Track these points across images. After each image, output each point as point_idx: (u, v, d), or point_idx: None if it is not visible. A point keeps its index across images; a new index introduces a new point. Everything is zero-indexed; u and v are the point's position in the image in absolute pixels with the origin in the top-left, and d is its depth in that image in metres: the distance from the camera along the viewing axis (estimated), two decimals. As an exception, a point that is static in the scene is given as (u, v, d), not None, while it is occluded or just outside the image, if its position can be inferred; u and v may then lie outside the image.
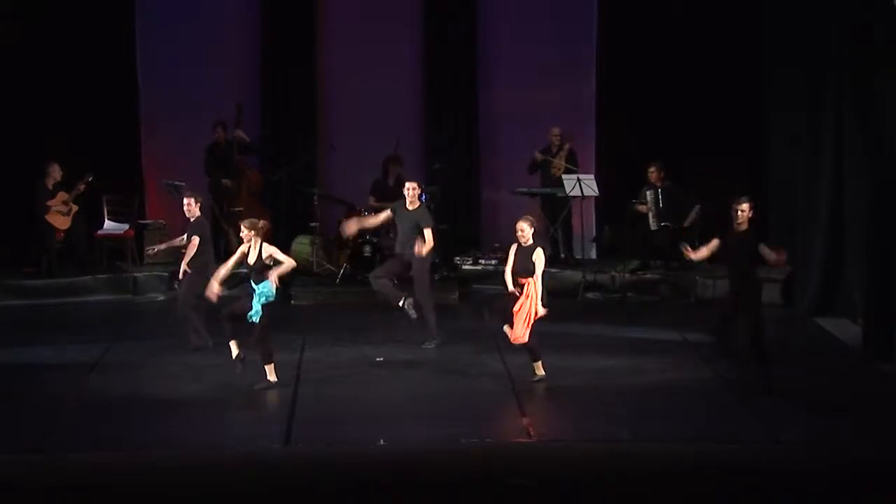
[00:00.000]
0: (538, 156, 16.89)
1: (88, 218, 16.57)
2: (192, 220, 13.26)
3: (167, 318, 14.12)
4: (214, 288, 11.92)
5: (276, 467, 9.95)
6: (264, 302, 11.69)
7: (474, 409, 11.39)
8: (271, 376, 11.89)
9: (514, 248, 12.10)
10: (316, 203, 16.73)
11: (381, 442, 10.40)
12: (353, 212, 16.38)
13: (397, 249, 13.70)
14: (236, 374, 11.97)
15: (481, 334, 13.63)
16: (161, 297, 16.11)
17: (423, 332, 13.40)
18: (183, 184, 16.32)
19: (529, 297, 11.83)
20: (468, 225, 17.49)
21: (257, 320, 11.68)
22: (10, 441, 10.38)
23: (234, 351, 12.01)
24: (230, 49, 17.51)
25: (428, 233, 13.36)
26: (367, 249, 16.05)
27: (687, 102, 16.61)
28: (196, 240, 13.05)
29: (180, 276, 13.20)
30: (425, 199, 16.58)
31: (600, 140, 17.43)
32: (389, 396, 11.77)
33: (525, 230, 11.96)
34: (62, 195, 16.19)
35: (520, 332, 11.82)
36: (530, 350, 12.02)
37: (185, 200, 13.27)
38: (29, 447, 10.22)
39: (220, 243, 17.28)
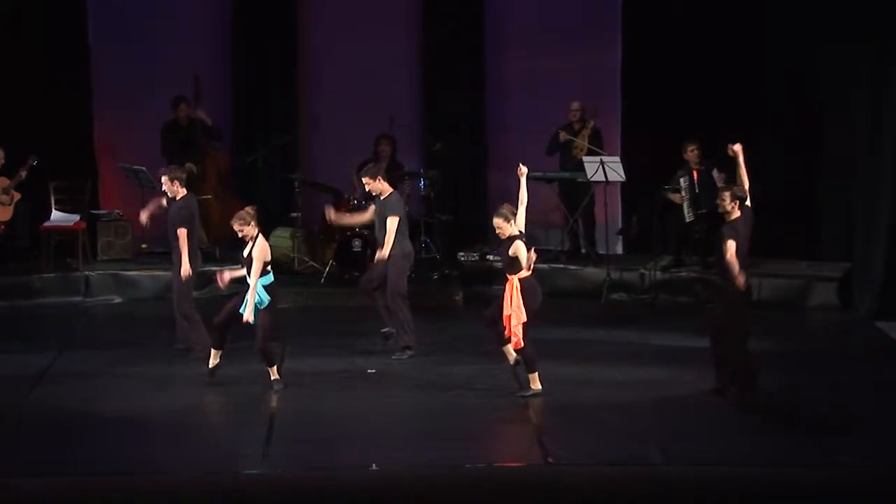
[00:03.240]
0: (561, 133, 16.86)
1: (32, 208, 16.58)
2: (177, 200, 13.23)
3: (125, 323, 14.14)
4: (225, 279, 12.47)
5: (252, 495, 9.95)
6: (260, 302, 12.03)
7: (481, 428, 11.41)
8: (274, 376, 12.21)
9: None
10: (297, 190, 16.74)
11: (374, 467, 10.40)
12: (341, 200, 16.39)
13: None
14: (207, 385, 12.11)
15: (489, 341, 13.61)
16: (117, 300, 16.11)
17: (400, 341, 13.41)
18: (143, 168, 16.35)
19: (512, 299, 11.90)
20: (474, 215, 17.47)
21: (254, 320, 11.98)
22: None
23: (213, 362, 12.23)
24: (195, 12, 17.52)
25: (391, 223, 13.20)
26: (357, 244, 16.05)
27: (726, 73, 16.58)
28: (183, 231, 13.06)
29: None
30: (423, 185, 16.66)
31: (626, 117, 17.42)
32: (383, 413, 11.77)
33: (501, 226, 12.07)
34: (1, 181, 16.20)
35: (514, 338, 11.92)
36: (525, 359, 12.05)
37: (164, 179, 13.24)
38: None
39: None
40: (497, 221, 12.12)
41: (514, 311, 11.90)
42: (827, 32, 16.02)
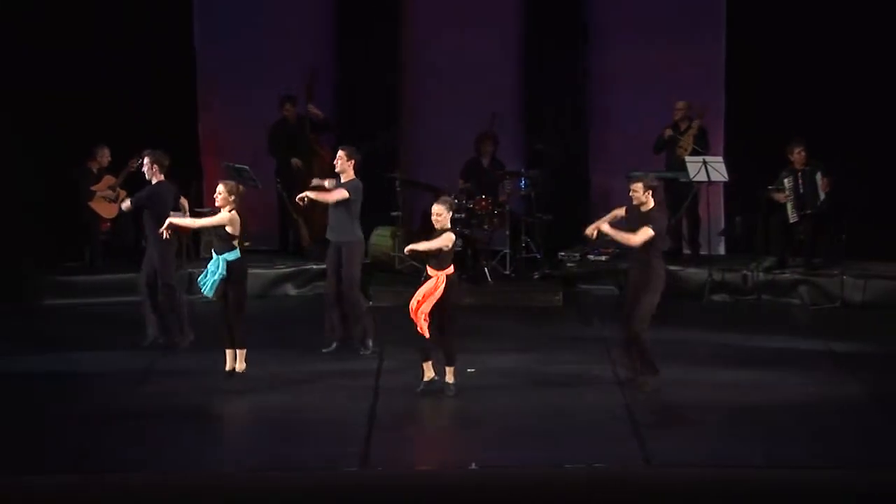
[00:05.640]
0: (666, 131, 16.80)
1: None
2: (154, 182, 13.60)
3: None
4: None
5: (352, 493, 10.03)
6: (221, 276, 12.15)
7: (580, 428, 11.42)
8: (240, 364, 12.30)
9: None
10: (398, 189, 16.82)
11: (473, 465, 10.45)
12: (442, 199, 16.45)
13: (328, 236, 13.75)
14: (306, 382, 12.22)
15: (588, 342, 13.64)
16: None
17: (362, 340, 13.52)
18: (246, 167, 16.51)
19: (437, 291, 11.92)
20: (575, 215, 17.42)
21: (210, 294, 12.16)
22: (49, 460, 10.57)
23: (230, 363, 12.35)
24: (300, 11, 17.67)
25: (338, 193, 13.35)
26: (458, 243, 16.05)
27: (833, 71, 16.44)
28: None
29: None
30: (525, 185, 16.68)
31: (730, 116, 17.33)
32: (481, 413, 11.82)
33: (443, 214, 12.04)
34: (108, 179, 16.45)
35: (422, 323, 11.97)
36: (446, 352, 12.06)
37: (146, 161, 13.64)
38: (68, 467, 10.38)
39: (289, 235, 17.50)
40: (438, 208, 12.10)
41: (425, 302, 11.88)
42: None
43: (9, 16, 16.15)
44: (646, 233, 11.96)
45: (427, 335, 11.98)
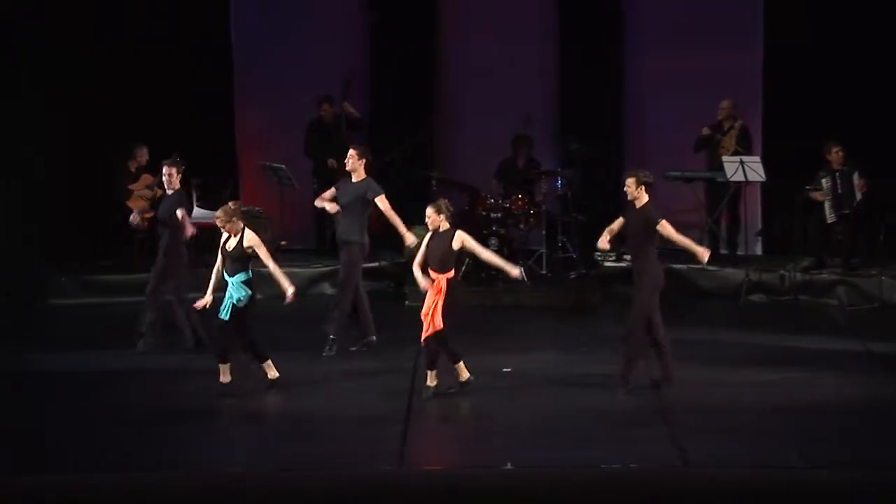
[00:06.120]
0: (704, 130, 16.74)
1: (175, 204, 16.86)
2: (170, 193, 13.66)
3: (262, 320, 14.30)
4: (207, 300, 12.41)
5: (389, 491, 10.04)
6: (238, 299, 12.07)
7: (616, 428, 11.40)
8: (271, 373, 12.24)
9: (427, 236, 12.17)
10: (434, 188, 16.81)
11: (508, 465, 10.45)
12: (478, 198, 16.47)
13: (338, 236, 13.66)
14: (342, 381, 12.21)
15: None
16: (259, 296, 16.26)
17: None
18: (283, 166, 16.59)
19: (441, 294, 11.89)
20: (611, 214, 17.35)
21: (226, 317, 12.05)
22: (80, 459, 10.59)
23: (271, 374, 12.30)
24: (336, 11, 17.71)
25: (382, 202, 13.25)
26: (494, 243, 16.10)
27: (869, 73, 16.41)
28: (182, 212, 13.52)
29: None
30: (560, 184, 16.66)
31: (768, 117, 17.29)
32: (517, 412, 11.81)
33: (432, 216, 12.04)
34: (146, 178, 16.52)
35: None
36: (448, 353, 12.04)
37: (166, 171, 13.69)
38: (103, 466, 10.40)
39: (326, 234, 17.53)
40: (428, 210, 12.11)
41: (434, 317, 11.88)
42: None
43: (43, 16, 16.24)
44: (665, 226, 12.06)
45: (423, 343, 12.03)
